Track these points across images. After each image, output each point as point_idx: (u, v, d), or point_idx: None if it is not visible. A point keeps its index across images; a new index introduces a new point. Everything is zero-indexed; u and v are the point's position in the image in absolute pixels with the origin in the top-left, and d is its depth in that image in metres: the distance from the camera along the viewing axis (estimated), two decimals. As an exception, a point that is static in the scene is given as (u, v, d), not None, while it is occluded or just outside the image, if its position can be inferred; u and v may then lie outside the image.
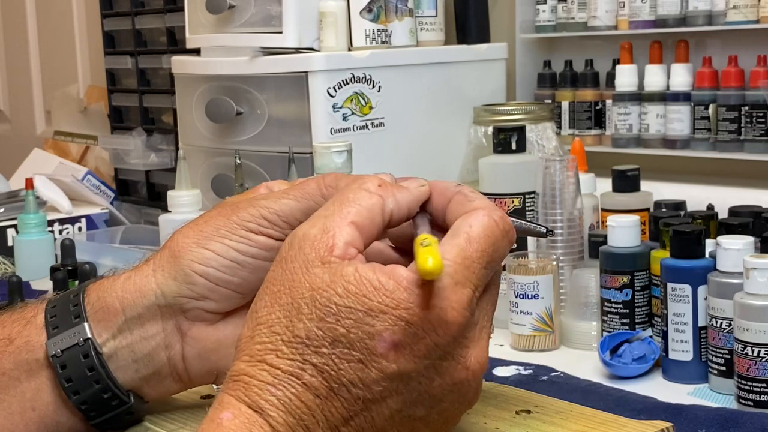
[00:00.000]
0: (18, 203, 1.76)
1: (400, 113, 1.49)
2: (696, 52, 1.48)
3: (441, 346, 0.51)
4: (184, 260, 0.60)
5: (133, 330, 0.61)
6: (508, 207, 1.27)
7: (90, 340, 0.60)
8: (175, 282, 0.60)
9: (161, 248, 0.63)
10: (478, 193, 0.58)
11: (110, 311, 0.61)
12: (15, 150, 2.63)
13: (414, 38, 1.55)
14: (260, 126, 1.48)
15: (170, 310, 0.61)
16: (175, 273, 0.60)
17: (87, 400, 0.60)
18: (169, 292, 0.61)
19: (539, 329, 1.17)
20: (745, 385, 0.95)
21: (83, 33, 2.64)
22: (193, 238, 0.61)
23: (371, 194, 0.55)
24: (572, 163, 1.24)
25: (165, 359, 0.62)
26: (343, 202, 0.54)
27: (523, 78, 1.67)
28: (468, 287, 0.52)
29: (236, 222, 0.60)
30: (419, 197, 0.58)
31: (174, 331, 0.62)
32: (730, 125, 1.41)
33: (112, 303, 0.61)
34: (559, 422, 0.67)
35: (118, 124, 2.24)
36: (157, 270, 0.61)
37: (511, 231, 0.55)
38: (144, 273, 0.62)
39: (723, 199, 1.28)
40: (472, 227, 0.54)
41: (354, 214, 0.53)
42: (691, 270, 1.02)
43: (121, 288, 0.61)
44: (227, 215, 0.61)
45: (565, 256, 1.23)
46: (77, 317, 0.61)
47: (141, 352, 0.62)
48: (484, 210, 0.55)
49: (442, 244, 0.53)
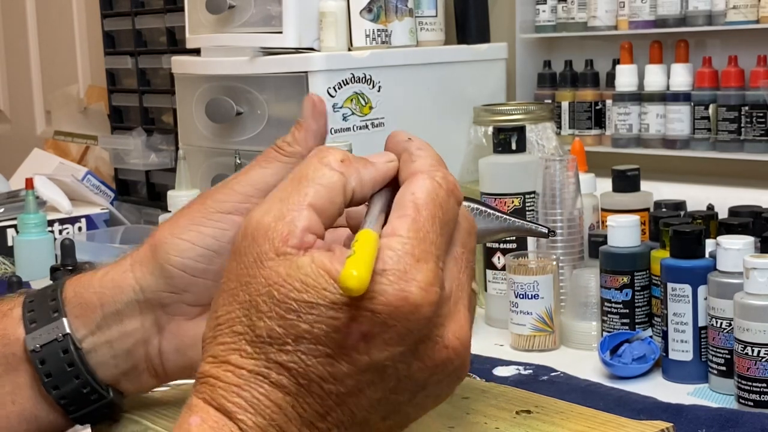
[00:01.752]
0: (18, 203, 1.76)
1: (400, 113, 1.49)
2: (696, 52, 1.48)
3: (414, 331, 0.48)
4: (161, 254, 0.59)
5: (111, 326, 0.61)
6: (508, 207, 1.27)
7: (69, 336, 0.60)
8: (153, 276, 0.60)
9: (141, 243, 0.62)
10: (423, 148, 0.54)
11: (88, 307, 0.60)
12: (15, 150, 2.63)
13: (414, 38, 1.55)
14: (260, 126, 1.48)
15: (149, 305, 0.61)
16: (152, 267, 0.60)
17: (66, 395, 0.60)
18: (148, 287, 0.60)
19: (539, 329, 1.17)
20: (745, 385, 0.95)
21: (83, 33, 2.64)
22: (169, 229, 0.60)
23: (332, 171, 0.51)
24: (572, 163, 1.24)
25: (143, 354, 0.62)
26: (301, 181, 0.50)
27: (523, 78, 1.67)
28: (430, 261, 0.48)
29: (210, 206, 0.59)
30: (386, 173, 0.54)
31: (152, 325, 0.61)
32: (730, 125, 1.41)
33: (90, 299, 0.60)
34: (559, 422, 0.67)
35: (118, 124, 2.24)
36: (135, 265, 0.60)
37: (455, 188, 0.52)
38: (122, 268, 0.61)
39: (723, 199, 1.28)
40: (415, 194, 0.50)
41: (312, 195, 0.49)
42: (691, 270, 1.02)
43: (99, 284, 0.61)
44: (202, 201, 0.60)
45: (565, 256, 1.23)
46: (55, 312, 0.60)
47: (120, 348, 0.61)
48: (423, 174, 0.51)
49: (390, 221, 0.49)
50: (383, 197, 0.53)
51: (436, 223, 0.50)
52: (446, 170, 0.53)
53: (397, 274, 0.47)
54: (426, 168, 0.52)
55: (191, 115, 1.58)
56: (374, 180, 0.53)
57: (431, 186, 0.51)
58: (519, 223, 0.72)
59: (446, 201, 0.51)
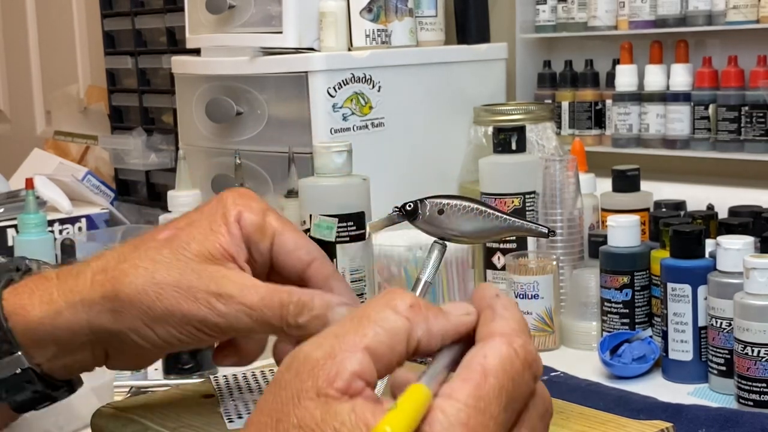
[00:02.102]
0: (18, 203, 1.76)
1: (400, 113, 1.49)
2: (696, 52, 1.48)
3: None
4: (125, 324, 0.60)
5: (66, 356, 0.63)
6: (508, 207, 1.27)
7: (30, 369, 0.62)
8: (109, 334, 0.61)
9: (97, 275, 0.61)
10: (509, 308, 0.49)
11: (42, 343, 0.62)
12: (15, 150, 2.63)
13: (414, 38, 1.55)
14: (260, 126, 1.48)
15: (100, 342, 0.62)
16: (110, 327, 0.60)
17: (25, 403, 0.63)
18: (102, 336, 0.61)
19: (539, 329, 1.17)
20: (745, 384, 0.95)
21: (83, 33, 2.64)
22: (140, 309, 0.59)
23: (398, 315, 0.46)
24: (572, 163, 1.24)
25: (91, 363, 0.64)
26: (362, 321, 0.46)
27: (523, 78, 1.67)
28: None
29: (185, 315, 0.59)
30: (459, 327, 0.48)
31: (101, 351, 0.63)
32: (730, 125, 1.41)
33: (44, 337, 0.61)
34: (559, 422, 0.67)
35: (118, 124, 2.24)
36: (92, 314, 0.60)
37: (534, 362, 0.47)
38: (76, 311, 0.61)
39: (723, 199, 1.28)
40: (487, 358, 0.45)
41: (371, 338, 0.45)
42: (691, 270, 1.02)
43: (51, 324, 0.61)
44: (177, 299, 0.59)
45: (565, 256, 1.23)
46: (6, 342, 0.61)
47: (74, 368, 0.64)
48: (502, 337, 0.46)
49: (452, 381, 0.44)
50: (452, 352, 0.48)
51: (502, 395, 0.45)
52: (528, 339, 0.48)
53: None
54: (506, 331, 0.47)
55: (191, 115, 1.58)
56: (444, 332, 0.48)
57: (507, 353, 0.46)
58: (519, 223, 0.72)
59: (520, 373, 0.46)
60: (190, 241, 0.61)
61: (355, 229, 1.13)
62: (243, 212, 0.62)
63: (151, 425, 0.66)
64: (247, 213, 0.62)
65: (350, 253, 1.12)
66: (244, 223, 0.62)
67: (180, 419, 0.66)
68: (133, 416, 0.67)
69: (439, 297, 1.22)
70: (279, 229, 0.62)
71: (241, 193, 0.63)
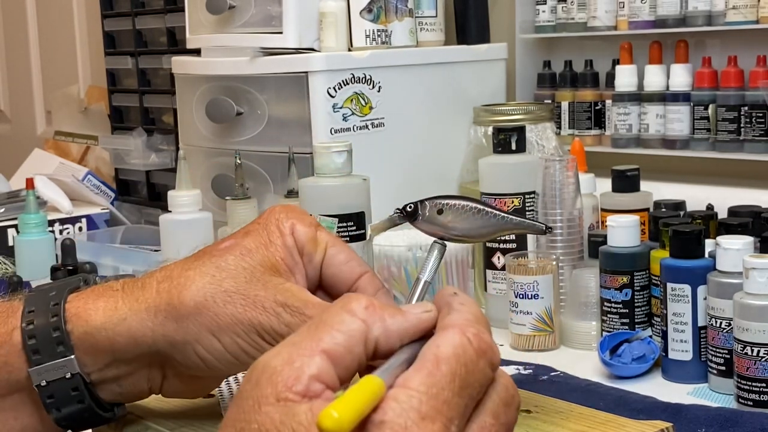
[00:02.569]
0: (18, 203, 1.76)
1: (400, 113, 1.49)
2: (695, 53, 1.48)
3: None
4: (190, 334, 0.59)
5: (120, 367, 0.61)
6: (508, 207, 1.27)
7: (78, 374, 0.60)
8: (171, 346, 0.60)
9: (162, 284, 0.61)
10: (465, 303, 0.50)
11: (99, 349, 0.60)
12: (15, 150, 2.63)
13: (414, 38, 1.55)
14: (260, 126, 1.48)
15: (159, 357, 0.61)
16: (174, 337, 0.60)
17: (69, 417, 0.61)
18: (163, 348, 0.60)
19: (539, 329, 1.17)
20: (744, 384, 0.95)
21: (84, 33, 2.64)
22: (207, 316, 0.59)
23: (353, 317, 0.47)
24: (572, 163, 1.24)
25: (147, 388, 0.63)
26: (318, 327, 0.46)
27: (523, 78, 1.67)
28: (438, 421, 0.44)
29: (252, 324, 0.59)
30: (417, 326, 0.49)
31: (158, 370, 0.63)
32: (730, 125, 1.41)
33: (103, 343, 0.60)
34: (559, 422, 0.67)
35: (118, 124, 2.24)
36: (157, 322, 0.60)
37: (489, 350, 0.47)
38: (141, 318, 0.60)
39: (722, 199, 1.28)
40: (440, 347, 0.46)
41: (327, 341, 0.45)
42: (690, 270, 1.02)
43: (113, 330, 0.60)
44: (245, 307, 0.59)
45: (565, 256, 1.23)
46: (60, 344, 0.60)
47: (125, 384, 0.62)
48: (455, 327, 0.47)
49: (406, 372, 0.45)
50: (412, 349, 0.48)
51: (455, 381, 0.45)
52: (484, 329, 0.48)
53: (395, 428, 0.43)
54: (460, 322, 0.48)
55: (191, 115, 1.58)
56: (403, 330, 0.48)
57: (459, 341, 0.46)
58: (517, 220, 0.72)
59: (474, 361, 0.46)
60: (253, 250, 0.61)
61: (355, 229, 1.13)
62: (296, 224, 0.63)
63: (151, 425, 0.66)
64: (300, 225, 0.63)
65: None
66: (298, 235, 0.63)
67: (180, 419, 0.66)
68: (133, 416, 0.67)
69: (439, 297, 1.23)
70: (331, 241, 0.63)
71: (290, 208, 0.65)
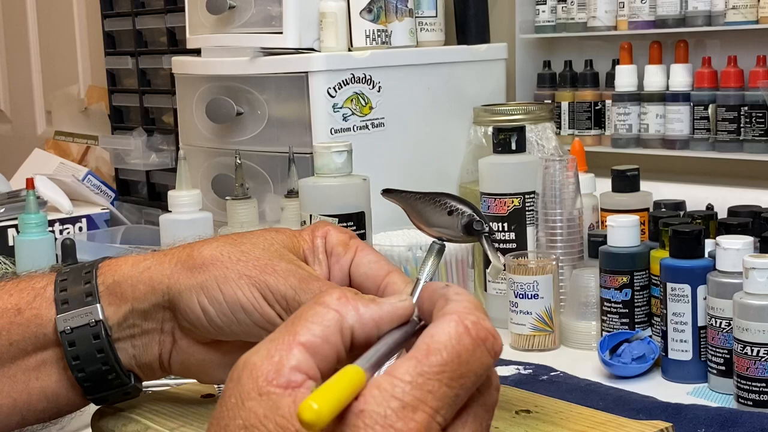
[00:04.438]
0: (19, 203, 1.76)
1: (400, 113, 1.49)
2: (695, 53, 1.48)
3: None
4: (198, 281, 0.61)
5: (136, 321, 0.63)
6: (508, 207, 1.27)
7: (101, 322, 0.62)
8: (179, 294, 0.62)
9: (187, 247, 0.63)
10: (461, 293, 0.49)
11: (121, 298, 0.62)
12: (16, 150, 2.63)
13: (414, 38, 1.55)
14: (260, 126, 1.48)
15: (170, 314, 0.63)
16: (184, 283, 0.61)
17: (91, 377, 0.63)
18: (174, 297, 0.62)
19: (539, 329, 1.17)
20: (744, 384, 0.95)
21: (84, 33, 2.64)
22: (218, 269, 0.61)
23: (327, 309, 0.47)
24: (572, 163, 1.24)
25: (157, 354, 0.64)
26: (294, 321, 0.47)
27: (523, 78, 1.67)
28: (421, 410, 0.42)
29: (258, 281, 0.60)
30: (393, 314, 0.49)
31: (169, 333, 0.64)
32: (730, 125, 1.41)
33: (126, 291, 0.62)
34: (558, 422, 0.67)
35: (118, 124, 2.25)
36: (174, 269, 0.62)
37: (489, 338, 0.46)
38: (162, 266, 0.62)
39: (722, 199, 1.28)
40: (434, 336, 0.45)
41: (304, 334, 0.46)
42: (690, 270, 1.02)
43: (137, 278, 0.62)
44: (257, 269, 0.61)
45: (565, 256, 1.23)
46: (89, 295, 0.62)
47: (139, 343, 0.64)
48: (452, 315, 0.46)
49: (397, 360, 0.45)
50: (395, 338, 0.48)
51: (445, 372, 0.44)
52: (483, 316, 0.47)
53: (373, 416, 0.42)
54: (458, 309, 0.47)
55: (192, 115, 1.58)
56: (378, 318, 0.48)
57: (455, 330, 0.45)
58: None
59: (470, 351, 0.45)
60: (278, 234, 0.64)
61: (355, 229, 1.13)
62: (331, 230, 0.65)
63: (151, 425, 0.66)
64: (334, 231, 0.65)
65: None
66: (329, 238, 0.65)
67: (180, 419, 0.66)
68: (134, 416, 0.67)
69: (439, 297, 1.23)
70: (361, 245, 0.65)
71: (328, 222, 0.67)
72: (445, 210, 0.73)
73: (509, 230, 1.27)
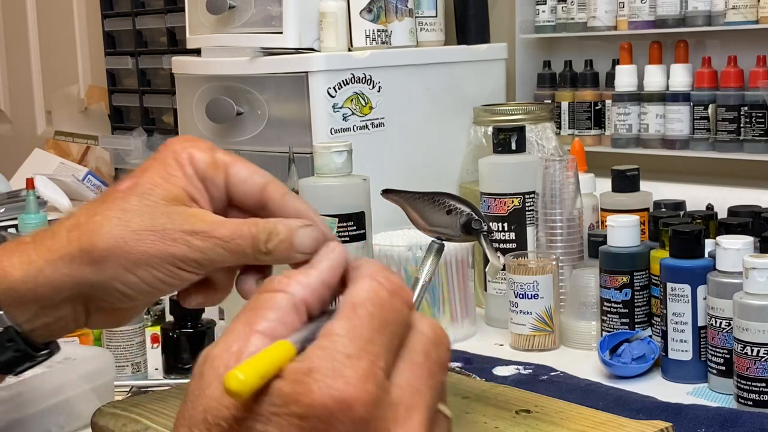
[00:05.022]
0: (19, 203, 1.76)
1: (400, 113, 1.49)
2: (695, 53, 1.48)
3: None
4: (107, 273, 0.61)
5: (48, 314, 0.63)
6: (508, 207, 1.27)
7: (11, 327, 0.62)
8: (91, 287, 0.62)
9: (72, 232, 0.62)
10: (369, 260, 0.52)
11: (25, 301, 0.62)
12: (16, 150, 2.63)
13: (414, 38, 1.55)
14: (260, 126, 1.48)
15: (82, 298, 0.63)
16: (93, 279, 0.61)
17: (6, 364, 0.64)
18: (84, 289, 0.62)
19: (539, 329, 1.17)
20: (744, 384, 0.95)
21: (84, 33, 2.64)
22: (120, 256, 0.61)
23: (273, 293, 0.48)
24: (572, 163, 1.24)
25: (73, 327, 0.65)
26: (246, 312, 0.48)
27: (523, 78, 1.67)
28: (364, 358, 0.45)
29: (164, 256, 0.61)
30: (333, 267, 0.52)
31: (82, 309, 0.64)
32: (730, 125, 1.41)
33: (27, 295, 0.62)
34: (558, 422, 0.67)
35: (118, 124, 2.25)
36: (73, 268, 0.61)
37: (401, 289, 0.49)
38: (56, 267, 0.62)
39: (722, 199, 1.28)
40: (353, 295, 0.48)
41: (260, 322, 0.47)
42: (690, 270, 1.02)
43: (33, 282, 0.62)
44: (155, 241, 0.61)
45: (565, 256, 1.23)
46: None
47: (54, 327, 0.64)
48: (365, 276, 0.49)
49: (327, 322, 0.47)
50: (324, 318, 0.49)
51: (374, 321, 0.47)
52: (391, 274, 0.50)
53: (323, 371, 0.44)
54: (368, 271, 0.50)
55: (191, 115, 1.58)
56: (323, 279, 0.51)
57: (370, 285, 0.48)
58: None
59: (388, 300, 0.48)
60: (153, 186, 0.63)
61: (355, 229, 1.13)
62: (193, 152, 0.64)
63: (151, 425, 0.66)
64: (197, 152, 0.64)
65: (350, 253, 1.12)
66: (196, 162, 0.64)
67: (180, 419, 0.66)
68: (134, 415, 0.67)
69: (440, 297, 1.23)
70: (229, 161, 0.65)
71: (185, 138, 0.66)
72: (444, 209, 0.73)
73: (509, 230, 1.27)
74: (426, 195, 0.75)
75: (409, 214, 0.76)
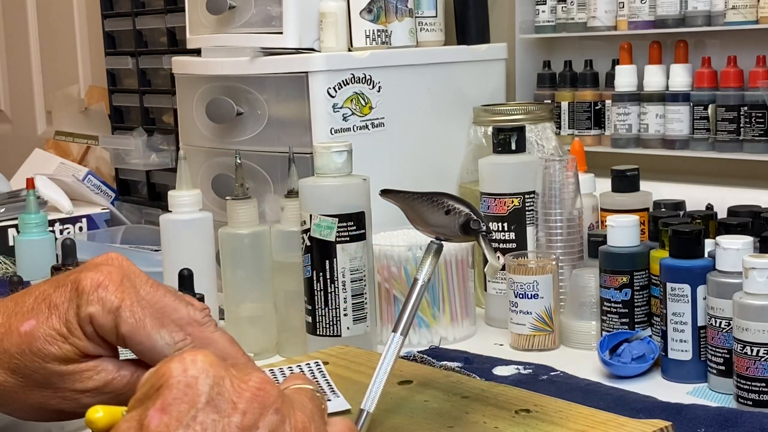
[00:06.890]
0: (19, 203, 1.76)
1: (400, 113, 1.49)
2: (695, 53, 1.48)
3: None
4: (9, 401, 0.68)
5: None
6: (508, 207, 1.27)
7: None
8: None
9: None
10: None
11: None
12: (16, 150, 2.63)
13: (414, 38, 1.55)
14: (260, 126, 1.48)
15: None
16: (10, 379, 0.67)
17: None
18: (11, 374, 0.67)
19: (539, 329, 1.17)
20: (744, 384, 0.95)
21: (84, 33, 2.64)
22: (17, 402, 0.67)
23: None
24: (572, 163, 1.24)
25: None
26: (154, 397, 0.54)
27: (523, 78, 1.67)
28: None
29: (56, 409, 0.68)
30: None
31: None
32: (729, 125, 1.41)
33: None
34: (558, 421, 0.67)
35: (118, 124, 2.25)
36: None
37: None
38: None
39: (722, 199, 1.29)
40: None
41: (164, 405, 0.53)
42: (690, 270, 1.02)
43: None
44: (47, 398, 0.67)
45: (565, 256, 1.23)
46: None
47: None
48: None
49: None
50: None
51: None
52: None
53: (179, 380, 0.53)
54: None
55: (191, 115, 1.58)
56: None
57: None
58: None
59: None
60: (49, 345, 0.66)
61: (355, 229, 1.13)
62: (95, 316, 0.66)
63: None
64: (98, 317, 0.67)
65: (350, 253, 1.13)
66: (97, 325, 0.67)
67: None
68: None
69: (439, 297, 1.23)
70: (127, 332, 0.67)
71: (99, 282, 0.68)
72: (442, 209, 0.73)
73: (509, 230, 1.27)
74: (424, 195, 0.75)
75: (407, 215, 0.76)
